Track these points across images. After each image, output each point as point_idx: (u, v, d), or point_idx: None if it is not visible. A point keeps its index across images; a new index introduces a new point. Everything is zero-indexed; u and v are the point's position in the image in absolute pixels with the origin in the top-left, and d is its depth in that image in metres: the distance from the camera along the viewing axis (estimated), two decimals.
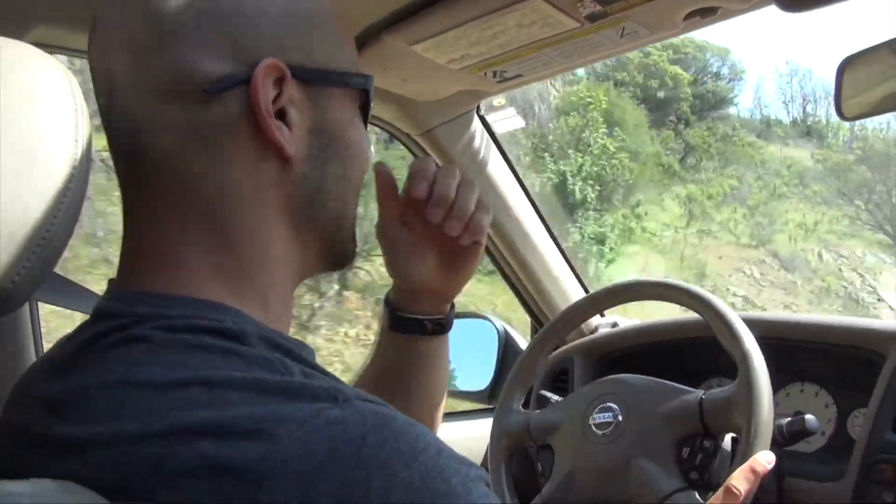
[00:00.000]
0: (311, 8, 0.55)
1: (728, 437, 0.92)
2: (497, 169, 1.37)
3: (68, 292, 0.67)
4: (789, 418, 0.94)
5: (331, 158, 0.55)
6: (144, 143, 0.51)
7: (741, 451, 0.85)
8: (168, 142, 0.50)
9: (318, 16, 0.55)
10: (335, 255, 0.60)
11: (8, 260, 0.45)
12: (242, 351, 0.46)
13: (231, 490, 0.40)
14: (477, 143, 1.33)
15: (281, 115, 0.52)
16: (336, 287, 7.20)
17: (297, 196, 0.54)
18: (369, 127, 0.63)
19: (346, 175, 0.57)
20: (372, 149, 0.61)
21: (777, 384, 1.02)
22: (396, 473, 0.41)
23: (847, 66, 0.87)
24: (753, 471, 0.82)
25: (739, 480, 0.81)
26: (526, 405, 1.14)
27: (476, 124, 1.32)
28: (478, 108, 1.30)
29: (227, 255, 0.52)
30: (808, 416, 0.93)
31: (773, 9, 0.78)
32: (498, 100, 1.29)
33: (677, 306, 1.02)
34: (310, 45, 0.54)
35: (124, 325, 0.48)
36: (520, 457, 1.13)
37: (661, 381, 0.99)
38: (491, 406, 1.46)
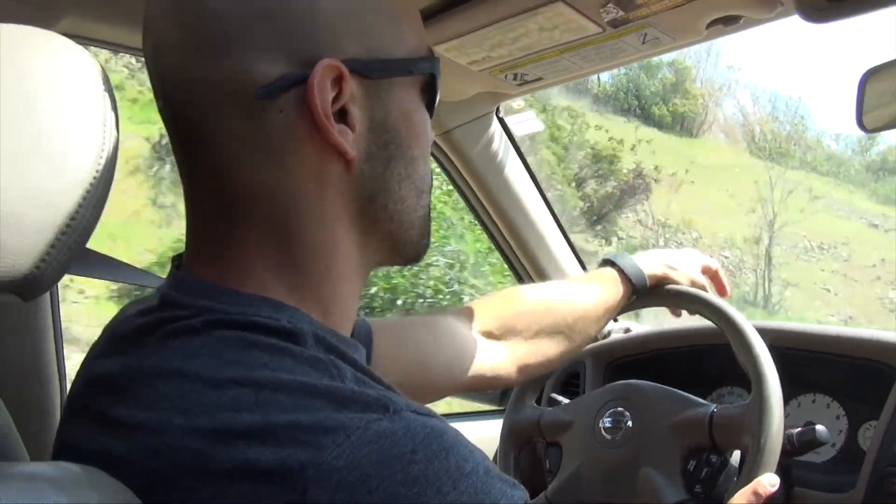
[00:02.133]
0: None
1: (736, 454, 0.91)
2: (515, 171, 1.37)
3: (95, 262, 0.68)
4: (800, 428, 0.93)
5: (392, 157, 0.53)
6: (204, 147, 0.50)
7: (746, 471, 0.85)
8: (226, 147, 0.49)
9: (377, 1, 0.52)
10: (403, 254, 0.58)
11: (34, 246, 0.45)
12: (296, 351, 0.45)
13: (272, 496, 0.39)
14: (495, 144, 1.33)
15: (342, 114, 0.49)
16: None
17: (358, 197, 0.52)
18: None
19: (409, 173, 0.54)
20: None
21: (789, 394, 1.02)
22: (445, 494, 0.40)
23: (869, 77, 0.86)
24: (756, 493, 0.81)
25: (741, 501, 0.81)
26: (537, 403, 1.15)
27: (495, 126, 1.33)
28: (497, 109, 1.31)
29: (292, 263, 0.51)
30: (819, 427, 0.93)
31: (795, 19, 0.78)
32: (518, 102, 1.29)
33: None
34: (367, 35, 0.51)
35: (187, 315, 0.47)
36: (528, 451, 1.13)
37: (674, 390, 0.98)
38: (501, 407, 1.46)
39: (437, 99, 0.57)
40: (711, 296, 0.98)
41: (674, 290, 1.00)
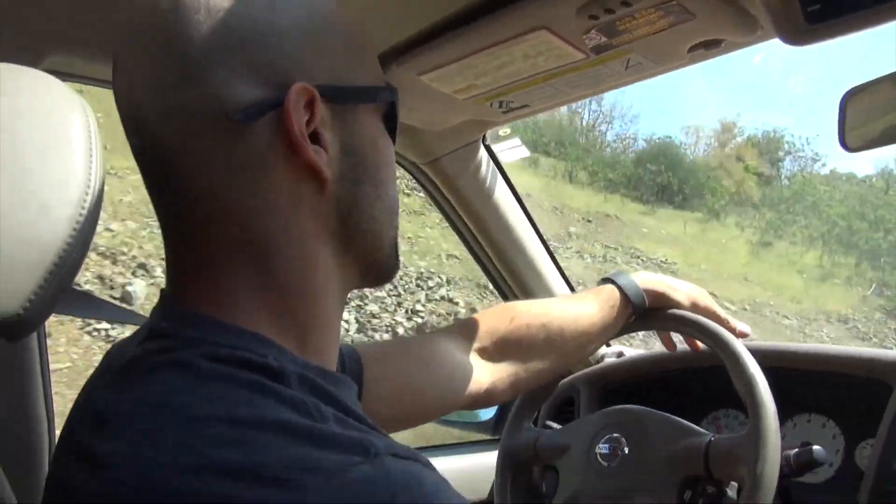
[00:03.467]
0: (334, 24, 0.54)
1: (733, 483, 0.90)
2: (502, 197, 1.37)
3: (80, 301, 0.67)
4: (797, 449, 0.93)
5: (361, 178, 0.54)
6: (180, 176, 0.50)
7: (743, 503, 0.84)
8: (204, 173, 0.50)
9: (342, 32, 0.55)
10: (375, 273, 0.59)
11: (20, 286, 0.45)
12: (279, 390, 0.45)
13: None
14: (482, 172, 1.34)
15: (314, 137, 0.51)
16: None
17: (333, 218, 0.53)
18: None
19: (379, 195, 0.56)
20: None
21: (785, 415, 1.01)
22: None
23: (850, 98, 0.87)
24: None
25: None
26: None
27: (482, 154, 1.33)
28: (484, 137, 1.32)
29: (271, 284, 0.51)
30: (816, 448, 0.92)
31: (776, 42, 0.79)
32: (504, 129, 1.30)
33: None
34: (336, 63, 0.53)
35: (173, 346, 0.48)
36: (524, 474, 1.12)
37: (671, 417, 0.97)
38: (496, 437, 1.45)
39: (398, 128, 0.59)
40: (707, 321, 0.97)
41: (671, 314, 0.99)
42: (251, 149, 0.49)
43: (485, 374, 0.90)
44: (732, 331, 0.99)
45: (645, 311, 0.99)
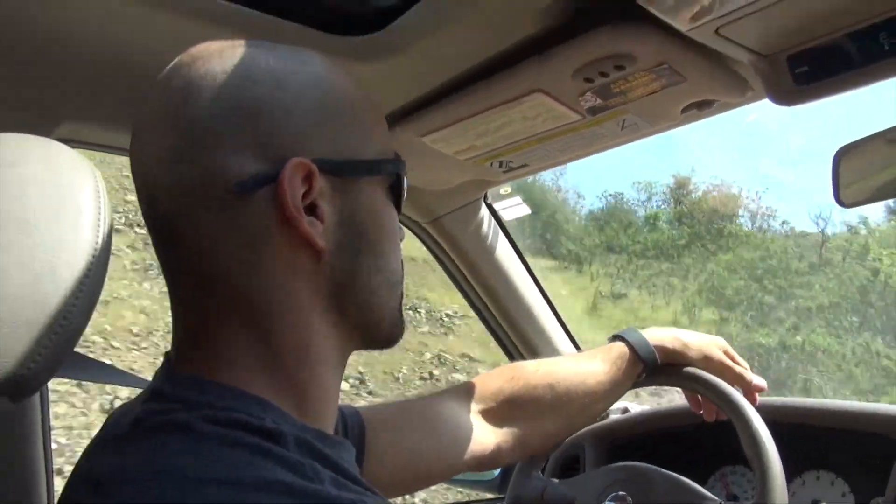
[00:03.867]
0: (340, 99, 0.56)
1: None
2: (504, 254, 1.39)
3: (83, 365, 0.68)
4: None
5: (362, 250, 0.56)
6: (184, 244, 0.52)
7: None
8: (206, 243, 0.52)
9: (346, 106, 0.56)
10: (376, 340, 0.60)
11: (25, 347, 0.45)
12: (277, 452, 0.46)
13: None
14: (484, 230, 1.35)
15: (312, 208, 0.53)
16: None
17: (329, 287, 0.54)
18: None
19: (379, 266, 0.57)
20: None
21: (794, 471, 1.00)
22: None
23: (843, 156, 0.89)
24: None
25: None
26: None
27: (483, 212, 1.35)
28: (485, 196, 1.34)
29: (267, 349, 0.53)
30: None
31: (765, 102, 0.82)
32: (504, 188, 1.32)
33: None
34: (338, 137, 0.55)
35: (173, 409, 0.49)
36: None
37: (680, 479, 0.95)
38: (501, 495, 1.43)
39: (403, 199, 0.60)
40: (715, 379, 0.95)
41: (680, 371, 0.98)
42: (249, 220, 0.51)
43: (490, 437, 0.89)
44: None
45: (655, 368, 0.98)
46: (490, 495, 1.50)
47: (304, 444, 0.48)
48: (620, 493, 0.98)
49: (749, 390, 0.98)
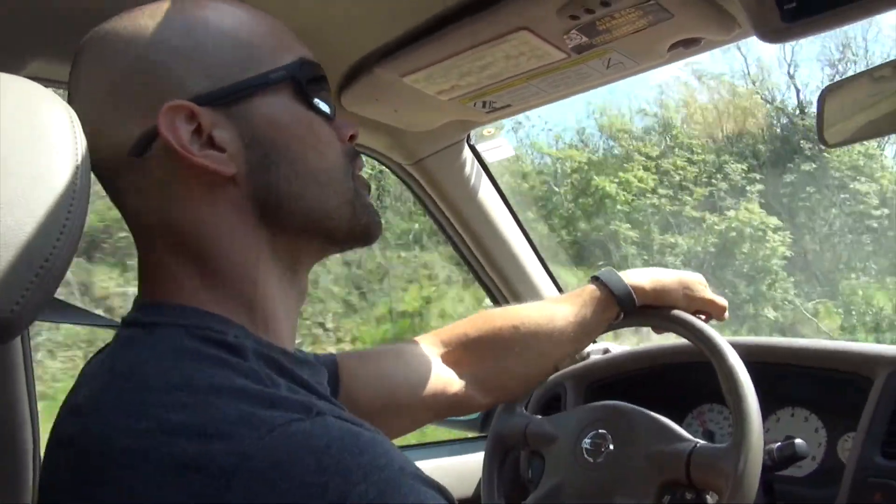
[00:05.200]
0: (216, 31, 0.57)
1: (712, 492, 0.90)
2: (488, 197, 1.38)
3: (62, 309, 0.68)
4: (780, 443, 0.94)
5: (273, 162, 0.58)
6: (121, 206, 0.58)
7: None
8: (135, 201, 0.57)
9: (226, 35, 0.58)
10: (336, 239, 0.62)
11: (8, 288, 0.45)
12: (235, 362, 0.50)
13: (200, 487, 0.43)
14: (467, 172, 1.34)
15: (211, 141, 0.55)
16: None
17: (252, 207, 0.57)
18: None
19: (297, 171, 0.58)
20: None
21: (767, 409, 1.02)
22: (354, 483, 0.43)
23: (828, 94, 0.89)
24: None
25: None
26: None
27: (466, 154, 1.34)
28: (468, 137, 1.32)
29: (214, 274, 0.57)
30: (798, 441, 0.93)
31: (753, 39, 0.81)
32: (488, 129, 1.31)
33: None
34: (213, 69, 0.56)
35: (143, 329, 0.54)
36: (511, 460, 1.13)
37: (659, 418, 0.96)
38: (483, 434, 1.46)
39: (317, 94, 0.61)
40: (694, 319, 0.97)
41: (658, 312, 0.99)
42: (158, 173, 0.55)
43: (458, 379, 0.91)
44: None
45: (635, 309, 0.98)
46: (472, 434, 1.53)
47: (263, 357, 0.53)
48: (601, 430, 1.00)
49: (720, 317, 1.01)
